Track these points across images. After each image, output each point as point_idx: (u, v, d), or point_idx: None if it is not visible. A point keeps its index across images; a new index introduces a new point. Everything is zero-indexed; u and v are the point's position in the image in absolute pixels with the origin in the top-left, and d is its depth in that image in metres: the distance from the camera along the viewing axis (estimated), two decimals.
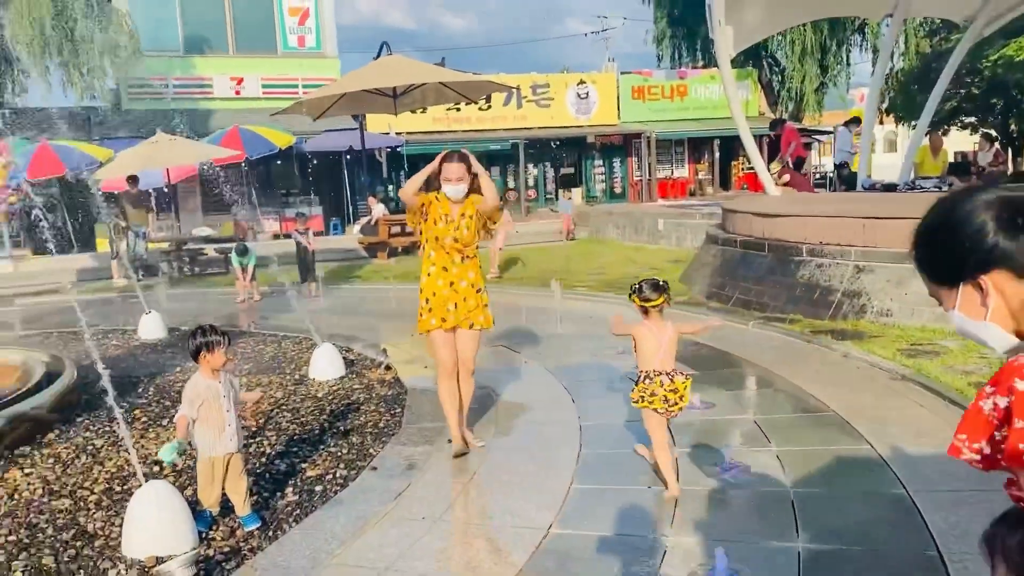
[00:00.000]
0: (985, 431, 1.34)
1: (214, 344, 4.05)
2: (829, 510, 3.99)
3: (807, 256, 8.80)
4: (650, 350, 4.32)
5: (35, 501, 4.60)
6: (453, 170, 4.96)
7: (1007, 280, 1.41)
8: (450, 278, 5.01)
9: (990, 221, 1.41)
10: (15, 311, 12.28)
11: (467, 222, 4.99)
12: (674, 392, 4.29)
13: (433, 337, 5.05)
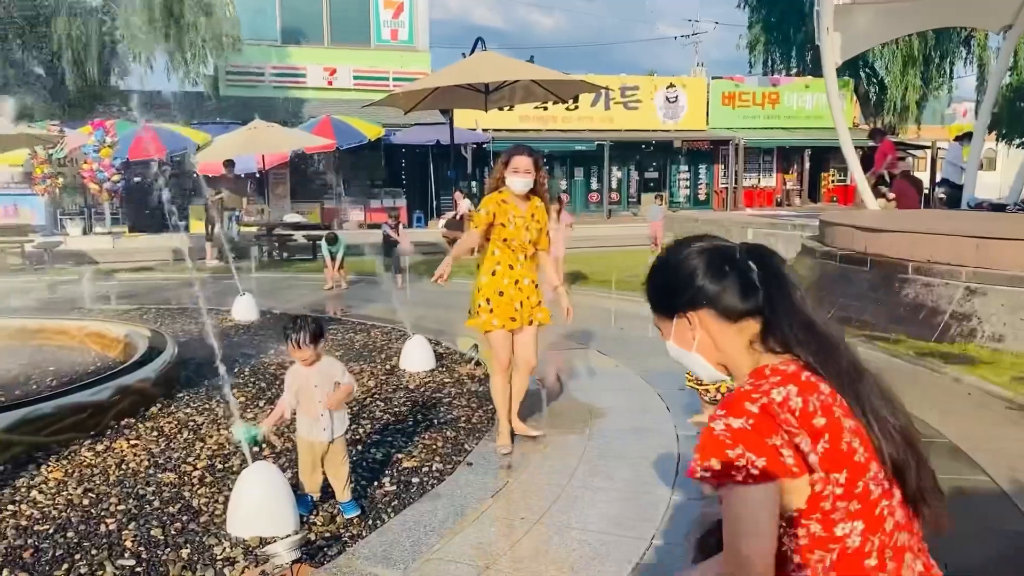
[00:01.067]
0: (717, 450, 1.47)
1: (292, 339, 4.04)
2: (949, 544, 3.77)
3: (913, 274, 8.46)
4: None
5: (141, 472, 4.70)
6: (522, 163, 4.99)
7: (711, 318, 1.66)
8: (515, 276, 5.03)
9: (701, 266, 1.67)
10: (114, 286, 12.73)
11: (534, 223, 5.05)
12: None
13: (497, 336, 5.06)
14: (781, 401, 1.50)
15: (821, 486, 1.49)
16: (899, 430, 1.59)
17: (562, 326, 6.01)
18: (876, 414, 1.57)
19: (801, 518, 1.52)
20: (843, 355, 1.60)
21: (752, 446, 1.45)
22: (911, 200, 13.00)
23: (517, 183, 5.02)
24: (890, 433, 1.57)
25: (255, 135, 15.93)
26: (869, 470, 1.53)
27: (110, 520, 4.05)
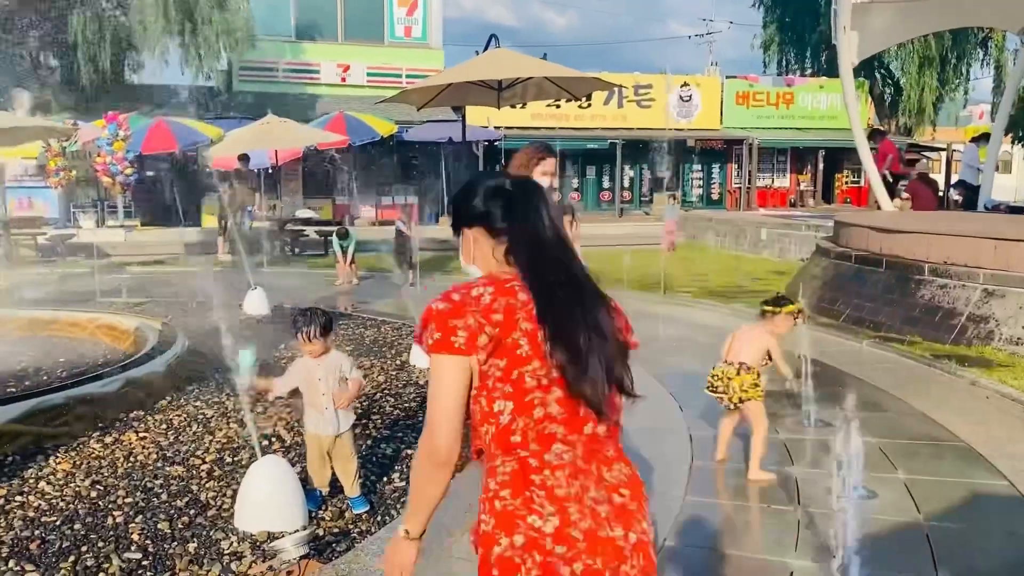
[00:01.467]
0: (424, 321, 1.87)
1: (301, 331, 4.02)
2: (970, 549, 3.71)
3: (929, 275, 8.36)
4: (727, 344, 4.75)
5: (149, 465, 4.68)
6: (552, 165, 4.92)
7: (482, 234, 1.94)
8: None
9: (479, 193, 1.95)
10: (126, 279, 12.75)
11: None
12: (715, 377, 4.68)
13: None
14: (476, 297, 1.81)
15: (487, 367, 1.78)
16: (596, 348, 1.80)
17: None
18: (563, 328, 1.78)
19: (478, 394, 1.82)
20: (555, 276, 1.85)
21: (440, 324, 1.79)
22: (927, 201, 12.87)
23: (545, 184, 4.96)
24: (575, 346, 1.77)
25: (268, 130, 15.93)
26: (529, 364, 1.78)
27: (117, 513, 4.02)
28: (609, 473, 1.84)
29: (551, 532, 1.73)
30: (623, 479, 1.85)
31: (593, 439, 1.84)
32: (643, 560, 1.79)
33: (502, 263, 1.91)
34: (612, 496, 1.80)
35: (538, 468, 1.78)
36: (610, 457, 1.86)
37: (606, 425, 1.86)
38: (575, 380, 1.78)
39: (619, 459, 1.88)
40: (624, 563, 1.76)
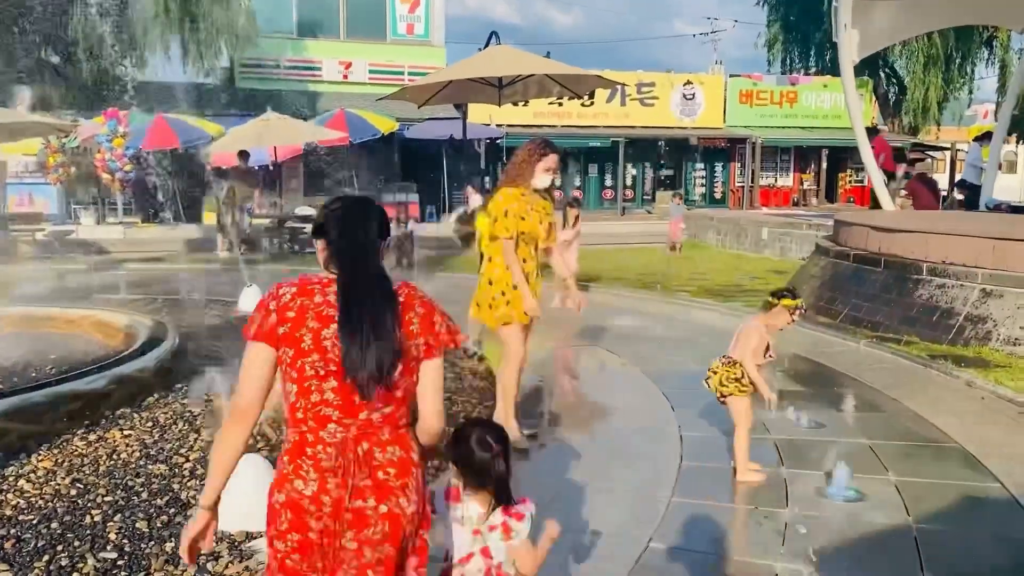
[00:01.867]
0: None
1: None
2: (958, 552, 3.66)
3: (927, 275, 8.29)
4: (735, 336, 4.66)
5: (132, 463, 4.63)
6: (555, 160, 4.95)
7: (322, 244, 2.30)
8: (528, 269, 4.94)
9: (321, 210, 2.34)
10: (123, 275, 12.73)
11: (546, 217, 5.01)
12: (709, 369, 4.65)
13: (514, 330, 4.98)
14: (280, 295, 2.17)
15: (281, 354, 2.13)
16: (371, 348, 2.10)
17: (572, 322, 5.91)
18: (345, 329, 2.11)
19: (280, 375, 2.16)
20: (353, 282, 2.17)
21: (252, 315, 2.17)
22: (926, 200, 12.78)
23: (547, 180, 4.94)
24: (351, 345, 2.09)
25: (268, 127, 15.87)
26: (310, 356, 2.10)
27: (96, 511, 3.97)
28: (381, 454, 2.14)
29: (309, 495, 2.10)
30: (393, 460, 2.15)
31: (368, 424, 2.14)
32: (389, 527, 2.12)
33: (327, 269, 2.26)
34: (376, 473, 2.12)
35: (312, 443, 2.13)
36: (384, 440, 2.15)
37: (381, 413, 2.14)
38: (347, 373, 2.09)
39: (394, 442, 2.16)
40: (368, 528, 2.11)
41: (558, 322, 9.28)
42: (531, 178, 4.90)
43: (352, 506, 2.10)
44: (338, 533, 2.11)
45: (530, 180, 4.91)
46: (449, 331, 2.26)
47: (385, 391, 2.13)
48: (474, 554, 2.35)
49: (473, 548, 2.35)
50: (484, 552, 2.35)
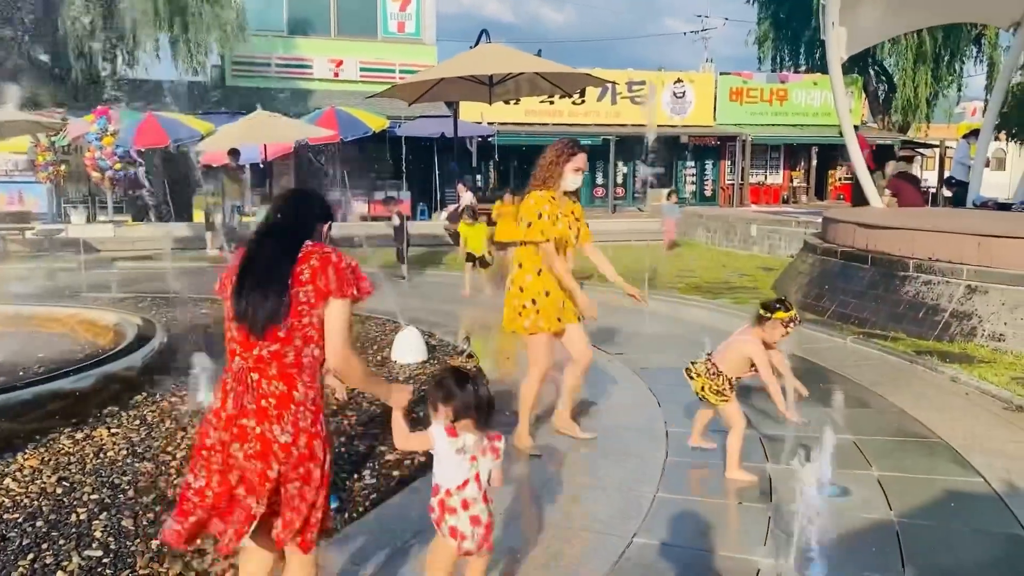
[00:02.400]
0: None
1: None
2: (939, 546, 3.69)
3: (914, 272, 8.34)
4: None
5: (119, 461, 4.64)
6: (583, 159, 4.82)
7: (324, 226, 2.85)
8: (558, 276, 4.80)
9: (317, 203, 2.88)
10: (113, 274, 12.70)
11: (574, 221, 4.87)
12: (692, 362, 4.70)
13: (542, 339, 4.81)
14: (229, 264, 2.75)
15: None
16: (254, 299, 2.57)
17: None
18: (239, 281, 2.63)
19: None
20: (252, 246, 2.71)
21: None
22: (911, 197, 12.84)
23: (577, 181, 4.82)
24: (238, 298, 2.60)
25: (257, 125, 15.86)
26: (227, 304, 2.65)
27: (82, 509, 3.98)
28: (268, 385, 2.56)
29: (213, 411, 2.64)
30: (275, 392, 2.56)
31: (259, 359, 2.57)
32: (260, 447, 2.54)
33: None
34: (260, 400, 2.56)
35: (226, 371, 2.66)
36: (271, 375, 2.57)
37: (269, 350, 2.56)
38: (235, 318, 2.60)
39: (280, 378, 2.57)
40: (246, 442, 2.55)
41: None
42: (560, 179, 4.77)
43: (238, 423, 2.56)
44: (227, 443, 2.56)
45: (559, 182, 4.78)
46: (341, 281, 2.60)
47: (274, 331, 2.55)
48: (469, 480, 2.78)
49: (469, 475, 2.78)
50: (476, 478, 2.79)
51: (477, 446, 2.78)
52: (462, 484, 2.77)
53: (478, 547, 2.82)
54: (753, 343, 4.42)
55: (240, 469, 2.55)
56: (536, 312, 4.75)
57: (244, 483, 2.56)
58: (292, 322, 2.55)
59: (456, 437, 2.76)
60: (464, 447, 2.76)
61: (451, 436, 2.77)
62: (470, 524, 2.78)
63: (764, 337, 4.43)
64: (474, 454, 2.78)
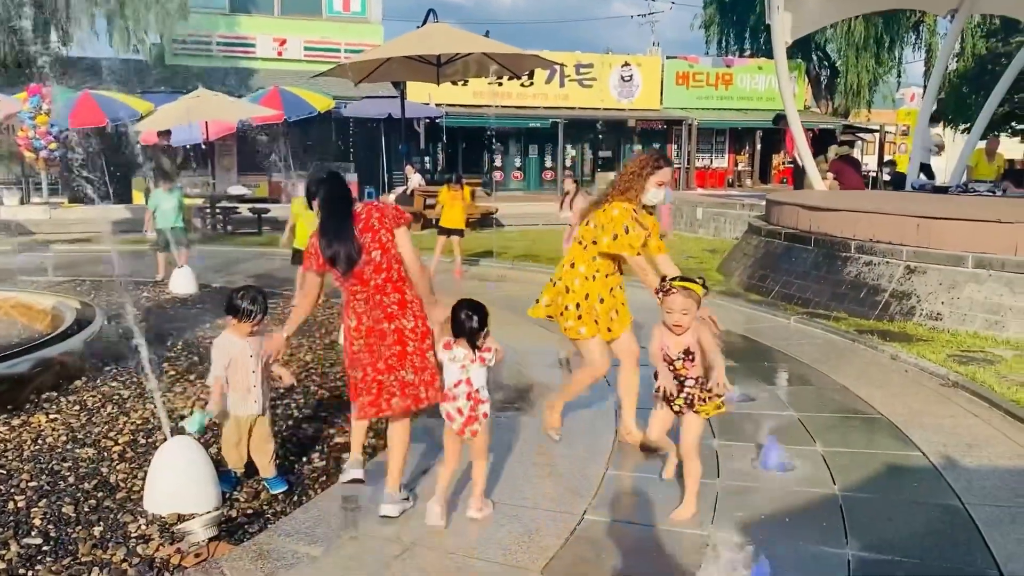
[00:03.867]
0: None
1: (244, 314, 3.93)
2: (880, 518, 3.79)
3: (855, 253, 8.53)
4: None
5: (58, 447, 4.51)
6: (668, 174, 4.69)
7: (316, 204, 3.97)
8: (610, 284, 4.74)
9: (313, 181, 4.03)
10: (49, 257, 12.32)
11: (649, 239, 4.71)
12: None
13: (593, 345, 4.70)
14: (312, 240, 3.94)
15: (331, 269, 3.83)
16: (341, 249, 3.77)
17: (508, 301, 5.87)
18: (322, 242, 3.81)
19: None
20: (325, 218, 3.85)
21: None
22: (852, 180, 13.12)
23: (659, 195, 4.68)
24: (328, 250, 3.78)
25: (198, 104, 15.47)
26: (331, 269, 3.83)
27: (20, 497, 3.87)
28: (388, 298, 3.80)
29: (352, 327, 3.84)
30: (394, 300, 3.81)
31: (376, 286, 3.78)
32: (397, 335, 3.79)
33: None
34: (386, 309, 3.79)
35: (347, 304, 3.86)
36: (388, 291, 3.80)
37: (378, 279, 3.78)
38: (342, 272, 3.77)
39: (394, 291, 3.82)
40: (385, 340, 3.78)
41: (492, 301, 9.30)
42: (642, 192, 4.64)
43: (378, 328, 3.78)
44: (372, 345, 3.78)
45: (641, 195, 4.65)
46: (396, 217, 3.86)
47: (374, 265, 3.76)
48: (461, 382, 3.66)
49: (460, 377, 3.66)
50: (467, 381, 3.66)
51: (467, 358, 3.66)
52: (455, 383, 3.67)
53: (460, 430, 3.69)
54: (658, 327, 4.17)
55: (387, 357, 3.77)
56: (577, 318, 4.65)
57: (393, 362, 3.77)
58: (383, 254, 3.76)
59: (450, 349, 3.68)
60: (455, 357, 3.66)
61: (447, 349, 3.69)
62: (456, 412, 3.69)
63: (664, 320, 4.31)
64: (464, 363, 3.65)
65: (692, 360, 3.82)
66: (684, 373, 3.84)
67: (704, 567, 3.29)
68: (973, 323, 7.25)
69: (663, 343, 3.87)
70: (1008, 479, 4.21)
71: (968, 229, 7.80)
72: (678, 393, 3.87)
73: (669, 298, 3.80)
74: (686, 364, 3.82)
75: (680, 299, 3.77)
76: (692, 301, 3.77)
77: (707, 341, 3.82)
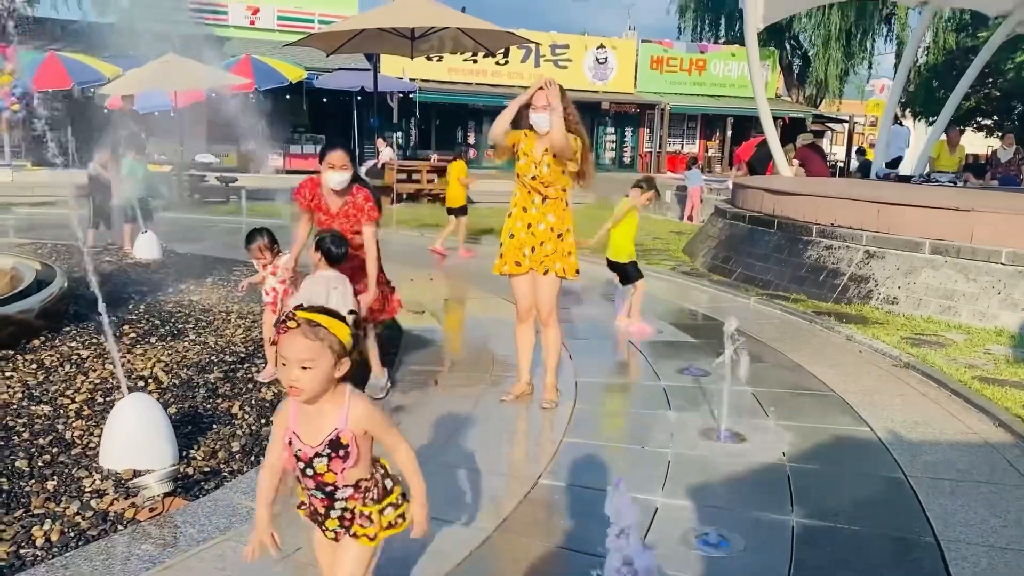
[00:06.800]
0: None
1: (333, 257, 4.51)
2: (826, 488, 3.90)
3: (817, 237, 8.67)
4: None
5: (13, 404, 4.48)
6: (541, 96, 4.64)
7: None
8: (528, 219, 4.76)
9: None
10: (10, 220, 12.13)
11: (550, 160, 4.67)
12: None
13: (511, 281, 4.89)
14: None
15: None
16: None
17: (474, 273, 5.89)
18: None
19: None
20: None
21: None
22: (817, 168, 13.28)
23: (536, 119, 4.66)
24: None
25: (167, 70, 15.19)
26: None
27: None
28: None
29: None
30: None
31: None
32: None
33: None
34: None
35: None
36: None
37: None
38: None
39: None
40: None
41: (461, 273, 9.33)
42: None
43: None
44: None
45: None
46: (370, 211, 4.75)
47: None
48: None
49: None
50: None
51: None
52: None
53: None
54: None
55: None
56: (501, 255, 4.93)
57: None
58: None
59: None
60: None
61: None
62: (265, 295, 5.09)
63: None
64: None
65: (346, 457, 2.14)
66: (333, 481, 2.17)
67: (654, 529, 3.37)
68: (928, 308, 7.41)
69: (288, 424, 2.17)
70: (950, 454, 4.34)
71: (926, 216, 7.96)
72: (326, 511, 2.24)
73: (282, 340, 2.06)
74: (334, 465, 2.14)
75: (300, 342, 2.04)
76: (324, 346, 2.05)
77: (378, 423, 2.21)
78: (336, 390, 2.13)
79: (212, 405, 4.66)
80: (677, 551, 3.23)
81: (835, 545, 3.35)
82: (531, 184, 4.73)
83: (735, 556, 3.22)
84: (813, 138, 15.56)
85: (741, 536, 3.36)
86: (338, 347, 2.08)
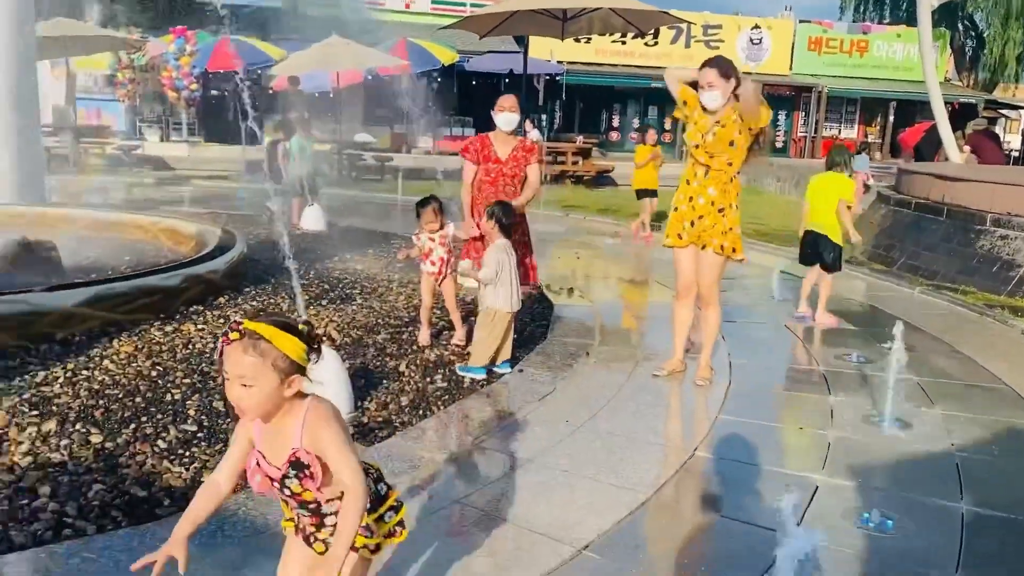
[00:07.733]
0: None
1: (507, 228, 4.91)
2: (999, 479, 3.75)
3: (991, 226, 8.18)
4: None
5: (206, 353, 4.91)
6: (704, 75, 4.58)
7: None
8: (690, 192, 4.76)
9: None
10: (188, 191, 13.09)
11: (718, 130, 4.60)
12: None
13: (673, 254, 4.94)
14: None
15: None
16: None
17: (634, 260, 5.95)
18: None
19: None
20: None
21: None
22: (992, 155, 12.46)
23: (704, 98, 4.62)
24: None
25: (330, 51, 15.93)
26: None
27: (176, 391, 4.25)
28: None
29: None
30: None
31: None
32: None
33: None
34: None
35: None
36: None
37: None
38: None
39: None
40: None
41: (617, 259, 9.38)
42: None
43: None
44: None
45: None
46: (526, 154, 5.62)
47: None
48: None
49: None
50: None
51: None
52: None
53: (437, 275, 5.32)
54: None
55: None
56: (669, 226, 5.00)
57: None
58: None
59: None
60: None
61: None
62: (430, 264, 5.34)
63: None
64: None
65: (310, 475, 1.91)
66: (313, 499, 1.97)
67: (813, 507, 3.36)
68: None
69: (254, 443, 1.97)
70: None
71: None
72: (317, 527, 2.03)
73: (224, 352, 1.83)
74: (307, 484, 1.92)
75: (239, 356, 1.81)
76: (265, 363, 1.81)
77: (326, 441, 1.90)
78: (294, 405, 1.88)
79: (381, 363, 4.95)
80: (840, 527, 3.20)
81: (1011, 535, 3.23)
82: (695, 153, 4.73)
83: (900, 537, 3.16)
84: (987, 124, 14.60)
85: (910, 520, 3.29)
86: (284, 364, 1.81)
